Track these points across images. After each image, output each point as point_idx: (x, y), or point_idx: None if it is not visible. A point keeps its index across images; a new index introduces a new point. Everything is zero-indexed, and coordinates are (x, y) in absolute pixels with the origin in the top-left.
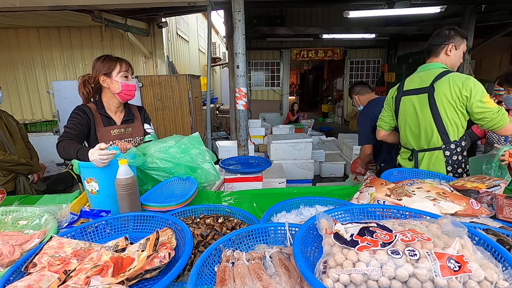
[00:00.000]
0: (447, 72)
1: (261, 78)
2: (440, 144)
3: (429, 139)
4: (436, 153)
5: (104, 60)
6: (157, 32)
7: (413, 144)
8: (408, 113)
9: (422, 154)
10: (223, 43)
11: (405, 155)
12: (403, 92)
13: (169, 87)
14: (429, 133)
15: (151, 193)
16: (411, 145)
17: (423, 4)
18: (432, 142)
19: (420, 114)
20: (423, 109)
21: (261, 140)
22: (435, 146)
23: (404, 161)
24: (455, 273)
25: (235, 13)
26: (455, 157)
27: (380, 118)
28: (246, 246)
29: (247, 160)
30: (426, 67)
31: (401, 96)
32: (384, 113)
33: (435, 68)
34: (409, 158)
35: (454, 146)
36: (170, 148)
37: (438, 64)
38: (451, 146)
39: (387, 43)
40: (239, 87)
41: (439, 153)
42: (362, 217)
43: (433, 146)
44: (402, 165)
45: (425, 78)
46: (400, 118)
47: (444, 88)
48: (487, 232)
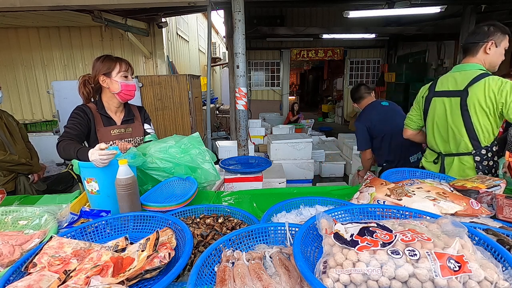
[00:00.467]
0: (484, 75)
1: (261, 78)
2: (470, 150)
3: (458, 144)
4: (466, 158)
5: (104, 60)
6: (157, 32)
7: (441, 147)
8: (437, 115)
9: (451, 159)
10: (223, 43)
11: (430, 157)
12: (435, 93)
13: (169, 87)
14: (458, 138)
15: (151, 193)
16: (438, 148)
17: (423, 4)
18: (461, 147)
19: (450, 118)
20: (454, 113)
21: (261, 140)
22: (464, 152)
23: (428, 163)
24: (455, 273)
25: (235, 13)
26: (486, 162)
27: (408, 117)
28: (246, 246)
29: (247, 160)
30: (462, 68)
31: (432, 96)
32: (412, 112)
33: (471, 70)
34: (434, 161)
35: (485, 152)
36: (170, 148)
37: (475, 65)
38: (481, 151)
39: (387, 43)
40: (239, 87)
41: (469, 159)
42: (362, 217)
43: (462, 152)
44: (425, 167)
45: (460, 81)
46: (428, 119)
47: (479, 93)
48: (487, 232)
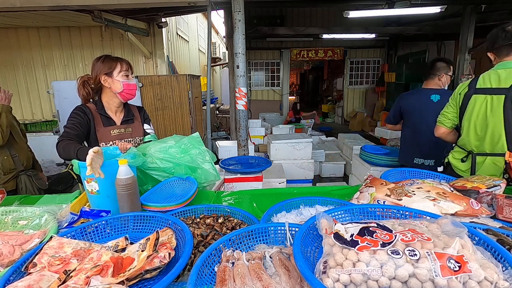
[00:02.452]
0: None
1: (261, 78)
2: (504, 151)
3: (495, 143)
4: (499, 159)
5: (105, 60)
6: (157, 32)
7: (474, 145)
8: (476, 112)
9: (483, 158)
10: (223, 43)
11: (459, 155)
12: (476, 90)
13: (169, 87)
14: (495, 138)
15: (151, 193)
16: (471, 146)
17: (423, 4)
18: (496, 148)
19: (491, 116)
20: (495, 111)
21: (261, 140)
22: (499, 152)
23: (456, 161)
24: (455, 273)
25: (235, 13)
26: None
27: (442, 114)
28: (246, 246)
29: (247, 160)
30: (506, 65)
31: (473, 93)
32: (448, 108)
33: None
34: (462, 159)
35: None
36: (170, 148)
37: None
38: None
39: (387, 43)
40: (239, 87)
41: (502, 160)
42: (362, 217)
43: (497, 152)
44: (453, 164)
45: (505, 78)
46: (465, 117)
47: None
48: (487, 232)
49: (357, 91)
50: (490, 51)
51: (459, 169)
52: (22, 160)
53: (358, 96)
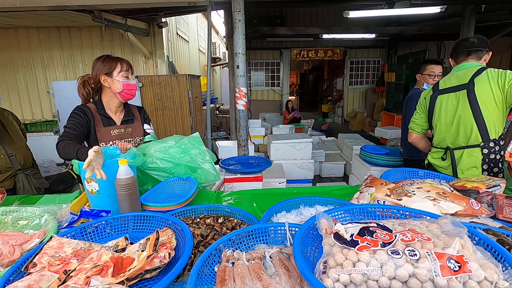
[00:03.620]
0: (484, 68)
1: (261, 78)
2: (479, 142)
3: (468, 136)
4: (475, 151)
5: (105, 60)
6: (157, 32)
7: (449, 142)
8: (445, 110)
9: (460, 152)
10: (223, 43)
11: (438, 155)
12: (439, 91)
13: (169, 87)
14: (468, 130)
15: (151, 193)
16: (446, 143)
17: (423, 4)
18: (471, 140)
19: (460, 111)
20: (463, 105)
21: (261, 140)
22: (474, 144)
23: (436, 160)
24: (455, 273)
25: (235, 13)
26: (493, 155)
27: (412, 121)
28: (246, 246)
29: (247, 160)
30: (462, 67)
31: (437, 95)
32: (416, 115)
33: (472, 67)
34: (443, 157)
35: (493, 145)
36: (170, 148)
37: (474, 63)
38: (490, 144)
39: (387, 43)
40: (239, 87)
41: (478, 151)
42: (362, 217)
43: (471, 144)
44: (434, 164)
45: (463, 76)
46: (435, 117)
47: (484, 82)
48: (487, 232)
49: (357, 91)
50: (450, 57)
51: (440, 167)
52: (19, 159)
53: (358, 96)
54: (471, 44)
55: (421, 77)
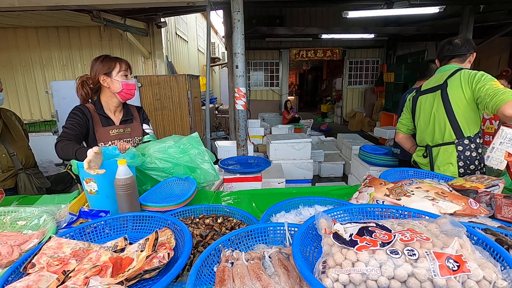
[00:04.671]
0: (460, 69)
1: (260, 78)
2: (453, 139)
3: (443, 133)
4: (449, 148)
5: (104, 60)
6: (156, 32)
7: (428, 140)
8: (424, 110)
9: (437, 149)
10: (222, 43)
11: (420, 152)
12: (420, 92)
13: (168, 87)
14: (442, 128)
15: (150, 193)
16: (426, 141)
17: (422, 4)
18: (445, 137)
19: (435, 110)
20: (437, 105)
21: (260, 140)
22: (448, 141)
23: (419, 158)
24: (454, 272)
25: (234, 13)
26: (468, 153)
27: (399, 121)
28: (246, 246)
29: (246, 160)
30: (443, 69)
31: (418, 96)
32: (402, 116)
33: (450, 69)
34: (424, 154)
35: (468, 142)
36: (169, 148)
37: (454, 65)
38: (464, 141)
39: (386, 43)
40: (238, 87)
41: (452, 148)
42: (361, 217)
43: (446, 141)
44: (417, 161)
45: (441, 77)
46: (416, 117)
47: (456, 82)
48: (486, 231)
49: (356, 91)
50: (437, 58)
51: (422, 164)
52: (21, 158)
53: (357, 96)
54: (454, 47)
55: None
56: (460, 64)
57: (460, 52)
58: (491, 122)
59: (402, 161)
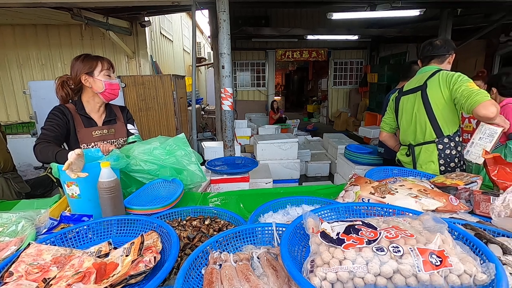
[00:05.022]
0: (439, 70)
1: (247, 79)
2: (433, 138)
3: (424, 132)
4: (430, 146)
5: (84, 59)
6: (140, 31)
7: (411, 139)
8: (406, 110)
9: (419, 148)
10: (208, 43)
11: (403, 151)
12: (402, 93)
13: (153, 87)
14: (423, 127)
15: (135, 196)
16: (409, 140)
17: (403, 7)
18: (426, 136)
19: (416, 110)
20: (418, 105)
21: (247, 140)
22: (429, 140)
23: (402, 156)
24: (437, 267)
25: (220, 13)
26: (448, 151)
27: (382, 121)
28: (234, 247)
29: (233, 161)
30: (423, 70)
31: (401, 96)
32: (386, 115)
33: (430, 70)
34: (407, 153)
35: (448, 140)
36: (155, 149)
37: (434, 66)
38: (444, 140)
39: (369, 44)
40: (225, 87)
41: (433, 147)
42: (348, 215)
43: (427, 140)
44: (400, 160)
45: (421, 78)
46: (399, 117)
47: (435, 83)
48: (466, 227)
49: (341, 92)
50: (419, 58)
51: (405, 163)
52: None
53: (342, 96)
54: (433, 48)
55: None
56: (439, 64)
57: (439, 53)
58: (470, 120)
59: (386, 159)
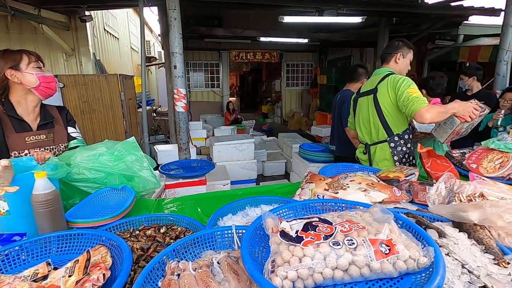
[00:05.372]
0: (389, 74)
1: (201, 79)
2: (385, 137)
3: (377, 133)
4: (384, 145)
5: (5, 54)
6: (80, 26)
7: (367, 138)
8: (361, 112)
9: (374, 147)
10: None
11: (361, 149)
12: (359, 94)
13: (97, 88)
14: (376, 128)
15: (80, 208)
16: (365, 140)
17: (348, 14)
18: (379, 136)
19: (370, 112)
20: (371, 107)
21: (203, 142)
22: (382, 139)
23: (360, 154)
24: (386, 256)
25: (170, 11)
26: (399, 148)
27: (348, 120)
28: (193, 254)
29: (189, 164)
30: (377, 72)
31: (358, 98)
32: (350, 114)
33: (382, 73)
34: (363, 151)
35: (398, 139)
36: (101, 156)
37: (386, 69)
38: (395, 138)
39: (318, 48)
40: (178, 88)
41: (386, 145)
42: (305, 212)
43: (381, 139)
44: (359, 158)
45: (374, 81)
46: (357, 117)
47: (383, 88)
48: (408, 215)
49: (293, 92)
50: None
51: (362, 160)
52: None
53: (295, 97)
54: (384, 49)
55: None
56: (387, 65)
57: (385, 53)
58: None
59: (337, 156)
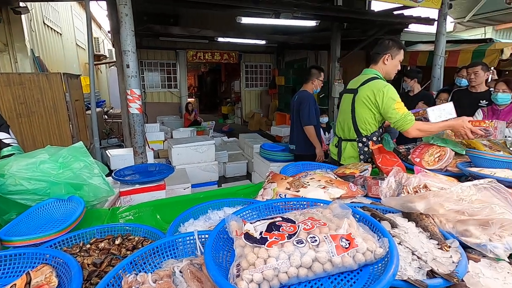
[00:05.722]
0: (373, 78)
1: (157, 79)
2: (355, 137)
3: (349, 131)
4: (354, 144)
5: None
6: (14, 19)
7: (341, 133)
8: (342, 107)
9: (345, 143)
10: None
11: (335, 141)
12: (345, 90)
13: (37, 88)
14: (349, 126)
15: (17, 224)
16: (340, 134)
17: (303, 17)
18: (350, 134)
19: (346, 110)
20: (348, 106)
21: (161, 145)
22: (352, 138)
23: (332, 147)
24: (346, 250)
25: (120, 6)
26: (366, 148)
27: None
28: (153, 265)
29: (146, 168)
30: (365, 72)
31: (343, 93)
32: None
33: (368, 74)
34: (336, 145)
35: (366, 140)
36: (42, 163)
37: (373, 70)
38: (363, 139)
39: (276, 49)
40: (131, 88)
41: (355, 144)
42: (268, 212)
43: (351, 138)
44: (330, 150)
45: (358, 80)
46: (339, 111)
47: (363, 92)
48: (363, 209)
49: (253, 93)
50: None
51: (333, 153)
52: None
53: (255, 97)
54: (374, 49)
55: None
56: (375, 65)
57: (375, 52)
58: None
59: (297, 155)
